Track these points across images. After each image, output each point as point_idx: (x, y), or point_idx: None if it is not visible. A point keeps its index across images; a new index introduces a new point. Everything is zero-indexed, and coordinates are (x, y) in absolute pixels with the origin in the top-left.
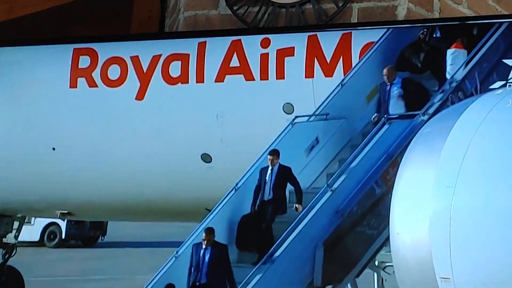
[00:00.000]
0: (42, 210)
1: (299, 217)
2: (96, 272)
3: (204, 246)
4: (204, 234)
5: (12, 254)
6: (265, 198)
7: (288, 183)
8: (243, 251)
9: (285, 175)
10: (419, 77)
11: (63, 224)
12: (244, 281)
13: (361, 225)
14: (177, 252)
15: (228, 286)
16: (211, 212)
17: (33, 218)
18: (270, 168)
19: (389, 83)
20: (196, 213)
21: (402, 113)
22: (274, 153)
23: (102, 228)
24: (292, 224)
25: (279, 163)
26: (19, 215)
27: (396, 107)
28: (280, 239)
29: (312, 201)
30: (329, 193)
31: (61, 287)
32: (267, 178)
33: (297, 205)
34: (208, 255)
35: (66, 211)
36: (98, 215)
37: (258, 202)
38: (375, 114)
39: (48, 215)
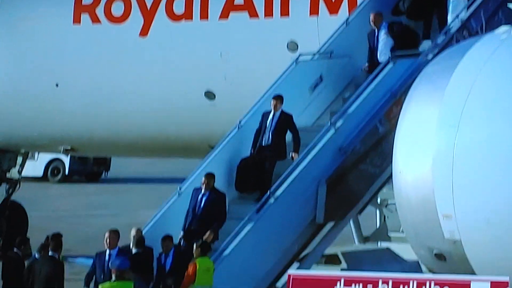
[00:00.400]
0: (45, 146)
1: (302, 155)
2: (100, 207)
3: (203, 191)
4: (203, 178)
5: (16, 189)
6: (264, 143)
7: (288, 131)
8: (243, 193)
9: (285, 121)
10: (415, 22)
11: (66, 160)
12: (246, 218)
13: (364, 163)
14: (180, 189)
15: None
16: (213, 149)
17: (36, 154)
18: (272, 113)
19: (376, 29)
20: (199, 149)
21: (407, 52)
22: (278, 98)
23: (105, 164)
24: (295, 163)
25: (282, 110)
26: (22, 151)
27: (385, 51)
28: (282, 177)
29: (315, 139)
30: (332, 131)
31: (64, 222)
32: (268, 123)
33: (293, 154)
34: (205, 200)
35: (69, 147)
36: (101, 151)
37: (257, 146)
38: (366, 64)
39: (51, 150)
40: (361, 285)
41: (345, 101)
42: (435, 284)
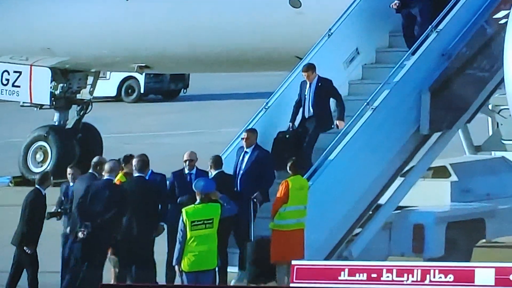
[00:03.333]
0: (117, 64)
1: (401, 61)
2: (179, 126)
3: (245, 149)
4: (244, 133)
5: (88, 111)
6: (306, 115)
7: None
8: (279, 171)
9: (325, 88)
10: None
11: (141, 78)
12: (342, 130)
13: (471, 67)
14: (266, 104)
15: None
16: (302, 60)
17: (108, 73)
18: (308, 83)
19: None
20: (286, 61)
21: None
22: (308, 68)
23: (183, 80)
24: (393, 70)
25: (318, 76)
26: (93, 70)
27: None
28: (379, 87)
29: (416, 44)
30: (434, 35)
31: (141, 142)
32: (306, 93)
33: (338, 122)
34: (248, 159)
35: (143, 64)
36: (178, 67)
37: (300, 118)
38: (395, 1)
39: (124, 69)
40: (365, 274)
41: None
42: (439, 272)
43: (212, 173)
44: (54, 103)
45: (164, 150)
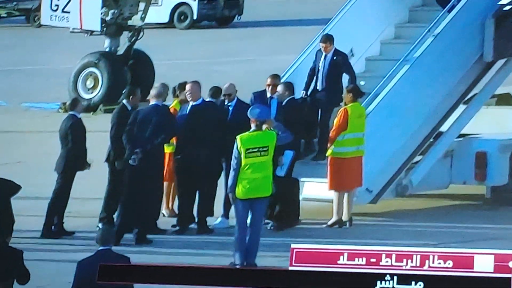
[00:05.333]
0: None
1: None
2: (233, 54)
3: (269, 94)
4: (269, 79)
5: (139, 37)
6: (318, 87)
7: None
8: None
9: (340, 62)
10: None
11: (194, 4)
12: (402, 59)
13: None
14: (323, 31)
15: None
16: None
17: None
18: (323, 55)
19: None
20: None
21: None
22: (326, 39)
23: (238, 6)
24: None
25: (335, 48)
26: None
27: None
28: (441, 14)
29: None
30: None
31: (194, 70)
32: (320, 64)
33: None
34: (277, 107)
35: None
36: None
37: (311, 88)
38: None
39: None
40: (364, 259)
41: None
42: (438, 258)
43: (284, 99)
44: (104, 29)
45: (217, 77)
